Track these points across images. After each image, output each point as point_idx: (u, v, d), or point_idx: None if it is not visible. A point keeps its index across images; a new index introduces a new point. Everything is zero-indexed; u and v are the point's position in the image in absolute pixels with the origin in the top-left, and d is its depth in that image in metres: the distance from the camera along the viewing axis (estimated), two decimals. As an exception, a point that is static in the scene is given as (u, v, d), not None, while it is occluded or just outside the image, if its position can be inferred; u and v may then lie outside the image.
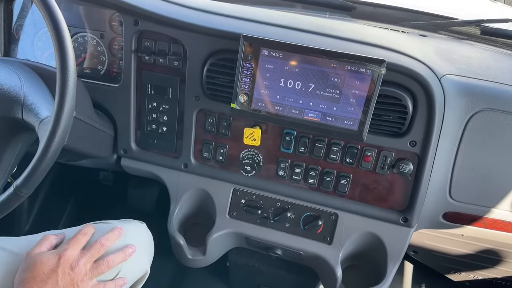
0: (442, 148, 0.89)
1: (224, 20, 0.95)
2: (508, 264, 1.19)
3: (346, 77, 0.81)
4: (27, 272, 0.66)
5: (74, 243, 0.71)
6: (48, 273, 0.64)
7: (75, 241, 0.71)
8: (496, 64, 1.02)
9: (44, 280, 0.64)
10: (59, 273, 0.65)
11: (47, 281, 0.64)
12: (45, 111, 0.74)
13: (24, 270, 0.66)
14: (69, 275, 0.66)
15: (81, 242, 0.73)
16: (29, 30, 1.09)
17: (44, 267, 0.65)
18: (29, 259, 0.68)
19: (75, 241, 0.71)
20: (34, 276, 0.64)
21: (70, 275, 0.66)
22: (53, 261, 0.66)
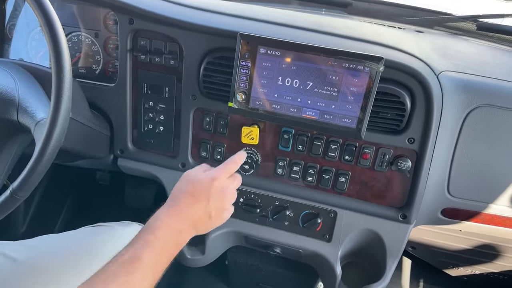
0: (440, 144, 0.89)
1: (220, 18, 0.94)
2: (506, 258, 1.20)
3: (344, 75, 0.81)
4: (186, 185, 0.76)
5: (226, 170, 0.79)
6: (203, 193, 0.74)
7: (227, 169, 0.79)
8: (492, 60, 1.02)
9: (198, 197, 0.74)
10: (212, 194, 0.75)
11: (200, 199, 0.74)
12: (41, 113, 0.73)
13: (183, 183, 0.77)
14: (219, 197, 0.76)
15: (232, 169, 0.81)
16: (22, 30, 1.08)
17: (200, 185, 0.75)
18: (188, 176, 0.78)
19: (227, 169, 0.79)
20: (190, 191, 0.74)
21: (220, 197, 0.76)
22: (208, 183, 0.75)
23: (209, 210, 0.75)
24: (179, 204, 0.73)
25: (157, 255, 0.66)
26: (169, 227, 0.70)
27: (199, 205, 0.74)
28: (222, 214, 0.79)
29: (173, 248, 0.70)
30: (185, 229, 0.72)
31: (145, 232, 0.68)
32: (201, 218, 0.75)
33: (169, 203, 0.74)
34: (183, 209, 0.73)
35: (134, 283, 0.61)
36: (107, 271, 0.61)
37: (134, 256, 0.63)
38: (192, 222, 0.73)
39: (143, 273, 0.62)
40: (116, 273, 0.60)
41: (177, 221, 0.71)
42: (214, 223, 0.78)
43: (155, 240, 0.67)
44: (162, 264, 0.67)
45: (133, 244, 0.66)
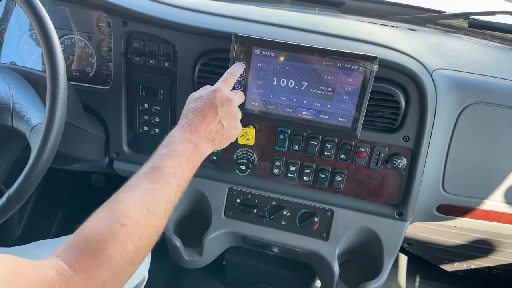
0: (435, 142, 0.90)
1: (214, 19, 0.94)
2: (500, 253, 1.22)
3: (338, 75, 0.81)
4: (191, 104, 0.77)
5: (225, 81, 0.80)
6: (209, 105, 0.75)
7: (225, 80, 0.80)
8: (485, 57, 1.03)
9: (206, 110, 0.75)
10: (218, 105, 0.75)
11: (209, 111, 0.75)
12: (35, 118, 0.73)
13: (188, 103, 0.78)
14: (226, 106, 0.76)
15: (231, 80, 0.81)
16: (14, 33, 1.07)
17: (204, 100, 0.76)
18: (192, 96, 0.79)
19: (225, 80, 0.80)
20: (197, 108, 0.75)
21: (227, 106, 0.76)
22: (211, 95, 0.76)
23: (220, 120, 0.75)
24: (189, 122, 0.73)
25: (176, 163, 0.66)
26: (185, 141, 0.70)
27: (209, 118, 0.74)
28: (234, 123, 0.79)
29: (193, 159, 0.70)
30: (201, 142, 0.72)
31: (160, 148, 0.68)
32: (215, 130, 0.75)
33: (180, 123, 0.75)
34: (194, 125, 0.73)
35: (158, 189, 0.61)
36: (129, 184, 0.61)
37: (153, 166, 0.63)
38: (206, 135, 0.74)
39: (165, 181, 0.62)
40: (138, 183, 0.61)
41: (192, 136, 0.71)
42: (229, 132, 0.78)
43: (171, 152, 0.67)
44: (184, 173, 0.67)
45: (151, 159, 0.66)
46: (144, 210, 0.58)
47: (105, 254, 0.52)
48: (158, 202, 0.60)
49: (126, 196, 0.59)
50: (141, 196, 0.59)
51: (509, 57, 1.09)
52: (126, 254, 0.54)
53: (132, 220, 0.56)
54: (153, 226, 0.59)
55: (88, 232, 0.54)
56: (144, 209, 0.58)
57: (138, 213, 0.57)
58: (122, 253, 0.54)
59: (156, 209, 0.59)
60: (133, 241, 0.55)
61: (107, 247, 0.52)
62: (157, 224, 0.60)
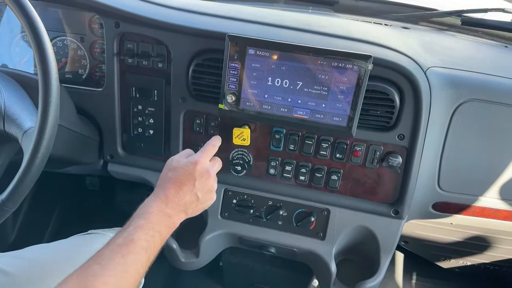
0: (430, 140, 0.90)
1: (207, 19, 0.94)
2: (496, 249, 1.22)
3: (333, 74, 0.81)
4: (170, 173, 0.78)
5: (206, 152, 0.83)
6: (187, 177, 0.77)
7: (206, 151, 0.83)
8: (478, 55, 1.04)
9: (183, 182, 0.77)
10: (196, 177, 0.78)
11: (186, 183, 0.77)
12: (28, 122, 0.72)
13: (166, 171, 0.80)
14: (204, 179, 0.79)
15: (211, 152, 0.85)
16: (5, 36, 1.06)
17: (183, 171, 0.78)
18: (171, 163, 0.81)
19: (206, 151, 0.83)
20: (174, 177, 0.77)
21: (204, 178, 0.79)
22: (191, 167, 0.78)
23: (196, 192, 0.78)
24: (166, 192, 0.75)
25: (149, 236, 0.67)
26: (160, 212, 0.72)
27: (185, 190, 0.76)
28: (209, 195, 0.82)
29: (165, 231, 0.72)
30: (174, 213, 0.75)
31: (136, 218, 0.70)
32: (189, 202, 0.77)
33: (156, 192, 0.76)
34: (171, 196, 0.75)
35: (129, 264, 0.62)
36: (102, 254, 0.62)
37: (128, 239, 0.65)
38: (181, 206, 0.76)
39: (137, 254, 0.64)
40: (112, 256, 0.62)
41: (166, 207, 0.73)
42: (203, 203, 0.82)
43: (146, 224, 0.68)
44: (155, 245, 0.69)
45: (126, 228, 0.67)
46: (116, 287, 0.59)
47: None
48: (128, 278, 0.61)
49: (99, 270, 0.59)
50: (114, 271, 0.60)
51: (502, 54, 1.10)
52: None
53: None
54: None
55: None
56: (116, 286, 0.59)
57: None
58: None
59: (127, 284, 0.61)
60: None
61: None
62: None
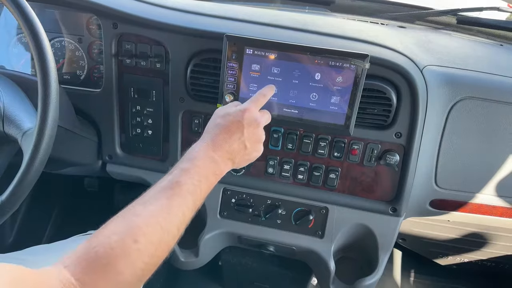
0: (427, 137, 0.91)
1: (205, 20, 0.94)
2: (493, 246, 1.23)
3: (330, 73, 0.82)
4: (218, 120, 0.76)
5: (255, 102, 0.79)
6: (236, 124, 0.75)
7: (256, 101, 0.80)
8: (474, 53, 1.04)
9: (232, 129, 0.74)
10: (244, 125, 0.75)
11: (234, 131, 0.74)
12: (27, 123, 0.72)
13: (215, 118, 0.77)
14: (252, 128, 0.76)
15: (261, 102, 0.81)
16: (3, 37, 1.06)
17: (232, 118, 0.75)
18: (220, 111, 0.78)
19: (256, 101, 0.80)
20: (223, 125, 0.75)
21: (253, 127, 0.76)
22: (239, 115, 0.75)
23: (244, 141, 0.75)
24: (213, 138, 0.73)
25: (195, 181, 0.65)
26: (206, 157, 0.70)
27: (234, 138, 0.74)
28: (257, 145, 0.79)
29: (212, 177, 0.70)
30: (222, 160, 0.72)
31: (182, 162, 0.68)
32: (237, 150, 0.75)
33: (204, 138, 0.74)
34: (218, 142, 0.73)
35: (174, 206, 0.60)
36: (146, 196, 0.60)
37: (173, 182, 0.63)
38: (228, 154, 0.74)
39: (182, 197, 0.62)
40: (156, 197, 0.60)
41: (213, 153, 0.71)
42: (250, 154, 0.79)
43: (192, 168, 0.66)
44: (201, 191, 0.67)
45: (171, 172, 0.66)
46: (159, 227, 0.57)
47: (114, 270, 0.51)
48: (173, 220, 0.59)
49: (143, 210, 0.58)
50: (157, 212, 0.58)
51: (497, 53, 1.11)
52: (135, 271, 0.53)
53: (146, 237, 0.55)
54: (165, 244, 0.58)
55: (100, 245, 0.52)
56: (159, 226, 0.57)
57: (152, 230, 0.56)
58: (131, 271, 0.53)
59: (170, 227, 0.59)
60: (144, 258, 0.54)
61: (117, 263, 0.51)
62: (169, 242, 0.59)
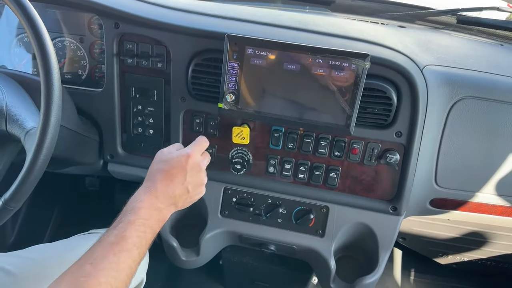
0: (427, 137, 0.92)
1: (206, 19, 0.95)
2: (492, 244, 1.24)
3: (331, 72, 0.82)
4: (161, 165, 0.77)
5: (198, 146, 0.82)
6: (178, 170, 0.76)
7: (199, 145, 0.82)
8: (474, 53, 1.05)
9: (174, 174, 0.76)
10: (187, 170, 0.77)
11: (177, 176, 0.76)
12: (30, 122, 0.72)
13: (157, 163, 0.78)
14: (195, 172, 0.79)
15: (203, 146, 0.84)
16: (4, 37, 1.06)
17: (175, 163, 0.77)
18: (162, 155, 0.80)
19: (199, 145, 0.82)
20: (166, 170, 0.76)
21: (196, 171, 0.79)
22: (182, 160, 0.77)
23: (186, 185, 0.77)
24: (156, 185, 0.74)
25: (141, 232, 0.67)
26: (150, 207, 0.72)
27: (176, 182, 0.76)
28: (199, 188, 0.82)
29: (155, 225, 0.72)
30: (165, 206, 0.74)
31: (126, 213, 0.69)
32: (180, 195, 0.77)
33: (146, 184, 0.75)
34: (161, 188, 0.74)
35: (121, 262, 0.62)
36: (94, 253, 0.62)
37: (119, 236, 0.65)
38: (171, 199, 0.75)
39: (128, 251, 0.64)
40: (104, 254, 0.62)
41: (157, 200, 0.73)
42: (192, 197, 0.81)
43: (137, 220, 0.68)
44: (146, 241, 0.69)
45: (116, 225, 0.67)
46: (109, 286, 0.59)
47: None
48: (121, 276, 0.62)
49: (92, 269, 0.59)
50: (106, 271, 0.60)
51: (497, 52, 1.11)
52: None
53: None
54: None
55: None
56: (109, 285, 0.59)
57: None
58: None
59: (119, 283, 0.61)
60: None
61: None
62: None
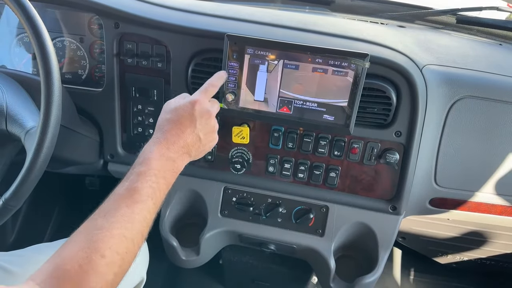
0: (426, 136, 0.92)
1: (206, 19, 0.95)
2: (492, 244, 1.24)
3: (330, 72, 0.83)
4: (169, 115, 0.74)
5: (205, 92, 0.78)
6: (187, 117, 0.73)
7: (205, 91, 0.79)
8: (473, 52, 1.05)
9: (183, 123, 0.73)
10: (196, 117, 0.74)
11: (186, 123, 0.73)
12: (30, 122, 0.73)
13: (165, 113, 0.76)
14: (205, 119, 0.75)
15: (211, 92, 0.80)
16: (5, 37, 1.06)
17: (182, 112, 0.74)
18: (169, 105, 0.77)
19: (205, 91, 0.79)
20: (174, 120, 0.73)
21: (205, 118, 0.76)
22: (190, 107, 0.74)
23: (197, 133, 0.75)
24: (166, 135, 0.72)
25: (153, 183, 0.65)
26: (161, 156, 0.69)
27: (187, 132, 0.73)
28: (211, 135, 0.79)
29: (169, 176, 0.70)
30: (178, 156, 0.72)
31: (136, 165, 0.67)
32: (192, 143, 0.74)
33: (156, 136, 0.73)
34: (171, 138, 0.72)
35: (135, 214, 0.60)
36: (106, 207, 0.60)
37: (131, 188, 0.62)
38: (183, 148, 0.73)
39: (143, 203, 0.61)
40: (116, 207, 0.60)
41: (168, 151, 0.70)
42: (206, 145, 0.79)
43: (148, 171, 0.65)
44: (160, 192, 0.66)
45: (128, 177, 0.65)
46: (123, 238, 0.57)
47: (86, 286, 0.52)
48: (136, 227, 0.59)
49: (105, 222, 0.57)
50: (119, 223, 0.58)
51: (496, 52, 1.11)
52: (106, 284, 0.54)
53: (112, 249, 0.55)
54: (131, 252, 0.59)
55: (69, 262, 0.53)
56: (123, 237, 0.57)
57: (117, 241, 0.56)
58: (102, 284, 0.54)
59: (134, 234, 0.59)
60: (113, 270, 0.55)
61: (88, 279, 0.52)
62: (135, 250, 0.60)
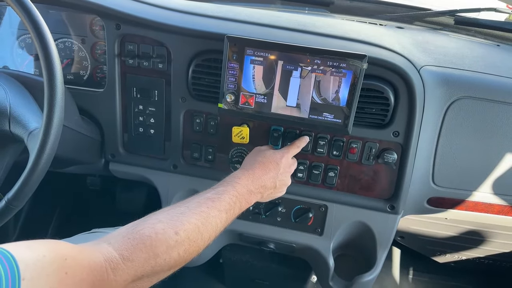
0: (424, 136, 0.93)
1: (207, 21, 0.96)
2: (489, 243, 1.25)
3: (329, 73, 0.84)
4: (258, 156, 0.85)
5: (292, 150, 0.90)
6: (273, 164, 0.84)
7: (293, 149, 0.90)
8: (471, 53, 1.06)
9: (269, 167, 0.83)
10: (281, 167, 0.84)
11: (272, 169, 0.83)
12: (33, 123, 0.74)
13: (255, 154, 0.87)
14: (285, 172, 0.86)
15: (295, 151, 0.91)
16: (7, 38, 1.07)
17: (271, 158, 0.84)
18: (260, 149, 0.88)
19: (293, 149, 0.90)
20: (263, 161, 0.83)
21: (286, 172, 0.86)
22: (278, 157, 0.85)
23: (275, 180, 0.84)
24: (254, 171, 0.81)
25: (233, 203, 0.73)
26: (245, 186, 0.78)
27: (270, 175, 0.83)
28: (283, 188, 0.88)
29: (243, 205, 0.77)
30: (255, 191, 0.80)
31: (224, 183, 0.77)
32: (269, 187, 0.83)
33: (244, 168, 0.83)
34: (257, 175, 0.81)
35: (211, 216, 0.68)
36: (191, 201, 0.69)
37: (216, 196, 0.72)
38: (261, 188, 0.81)
39: (219, 212, 0.70)
40: (199, 203, 0.69)
41: (251, 183, 0.79)
42: (276, 194, 0.87)
43: (233, 191, 0.75)
44: (233, 212, 0.74)
45: (215, 188, 0.75)
46: (197, 228, 0.64)
47: (154, 252, 0.57)
48: (208, 227, 0.67)
49: (186, 210, 0.66)
50: (197, 216, 0.66)
51: (494, 53, 1.12)
52: (170, 260, 0.60)
53: (186, 233, 0.62)
54: (198, 245, 0.65)
55: (145, 228, 0.59)
56: (197, 228, 0.64)
57: (192, 228, 0.64)
58: (167, 257, 0.59)
59: (205, 231, 0.66)
60: (179, 251, 0.61)
61: (158, 246, 0.58)
62: (201, 245, 0.66)
